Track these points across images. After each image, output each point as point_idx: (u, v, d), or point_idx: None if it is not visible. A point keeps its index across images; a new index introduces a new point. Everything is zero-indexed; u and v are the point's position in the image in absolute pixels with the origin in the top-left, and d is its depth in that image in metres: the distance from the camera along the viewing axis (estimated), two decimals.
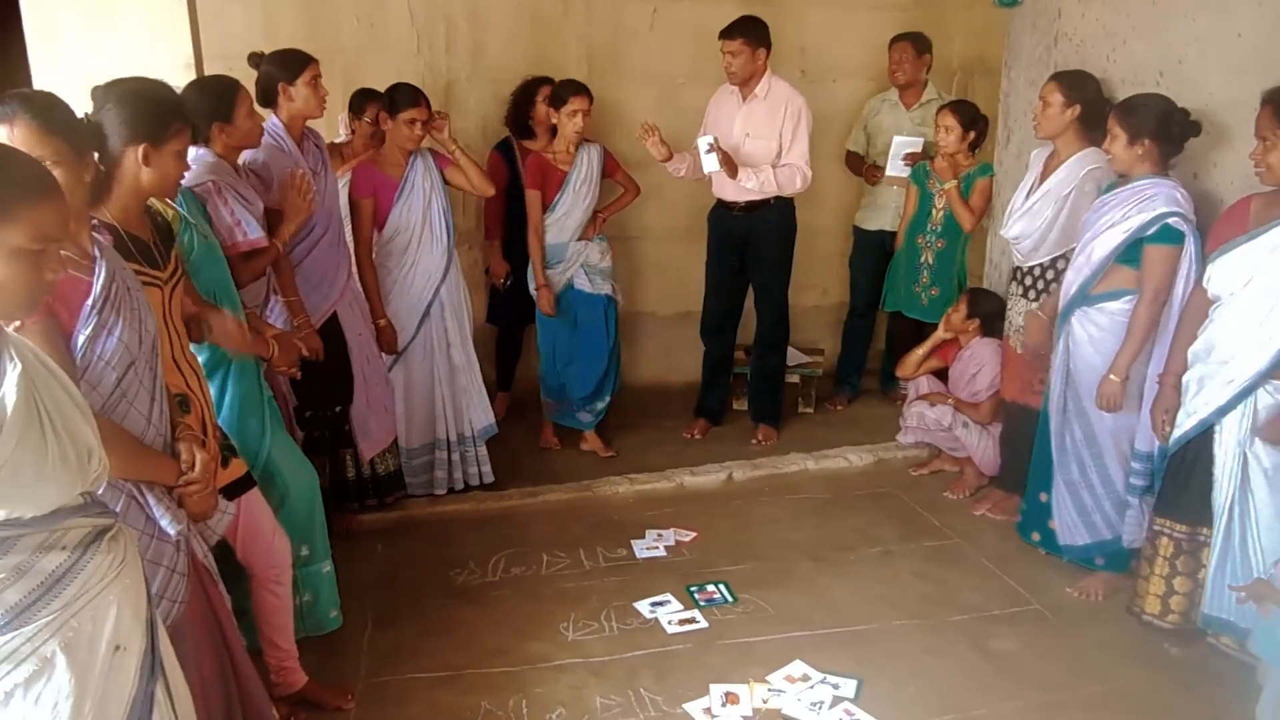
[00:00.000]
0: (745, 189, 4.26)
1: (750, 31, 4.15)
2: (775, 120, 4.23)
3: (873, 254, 4.95)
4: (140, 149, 2.07)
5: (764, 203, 4.31)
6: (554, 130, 4.23)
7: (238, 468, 2.41)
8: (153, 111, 2.11)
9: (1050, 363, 3.37)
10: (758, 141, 4.26)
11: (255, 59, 3.29)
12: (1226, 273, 2.64)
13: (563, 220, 4.23)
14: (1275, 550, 2.51)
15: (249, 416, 2.70)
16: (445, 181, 3.84)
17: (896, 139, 4.72)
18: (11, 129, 1.78)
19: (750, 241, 4.42)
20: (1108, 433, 3.20)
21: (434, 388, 3.92)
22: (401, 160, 3.74)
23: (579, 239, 4.28)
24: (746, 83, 4.25)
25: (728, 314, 4.65)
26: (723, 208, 4.45)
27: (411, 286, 3.81)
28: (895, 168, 4.73)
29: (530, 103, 4.50)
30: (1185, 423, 2.78)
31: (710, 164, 4.09)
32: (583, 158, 4.22)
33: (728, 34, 4.17)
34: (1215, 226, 2.81)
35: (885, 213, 4.88)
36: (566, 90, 4.11)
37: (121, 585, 1.47)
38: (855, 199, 5.15)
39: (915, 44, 4.71)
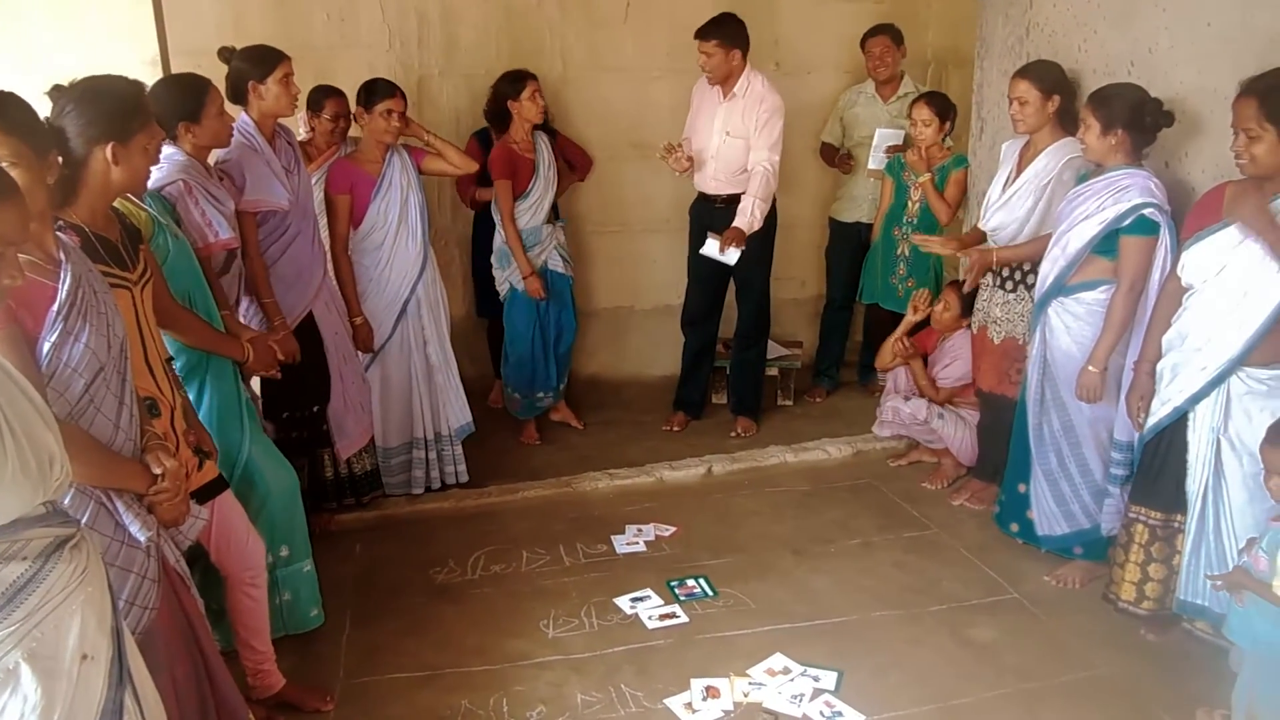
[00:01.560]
0: (725, 183, 4.29)
1: (725, 32, 4.12)
2: (751, 118, 4.22)
3: (849, 246, 4.96)
4: (108, 148, 2.04)
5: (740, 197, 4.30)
6: (506, 120, 4.23)
7: (210, 470, 2.38)
8: (116, 109, 2.08)
9: (1027, 353, 3.39)
10: (736, 141, 4.25)
11: (226, 54, 3.24)
12: (1200, 261, 2.65)
13: (536, 205, 4.25)
14: (1248, 536, 2.53)
15: (229, 419, 2.68)
16: (421, 173, 3.81)
17: (880, 131, 4.72)
18: None
19: None
20: (1086, 423, 3.22)
21: (412, 386, 3.89)
22: (379, 156, 3.71)
23: (546, 221, 4.32)
24: (725, 81, 4.23)
25: (710, 306, 4.64)
26: (704, 201, 4.45)
27: (388, 284, 3.78)
28: (877, 160, 4.73)
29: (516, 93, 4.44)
30: (1160, 410, 2.79)
31: (732, 257, 4.11)
32: (540, 143, 4.27)
33: (703, 35, 4.13)
34: (1189, 215, 2.82)
35: (861, 205, 4.88)
36: (518, 78, 4.14)
37: (85, 594, 1.45)
38: (832, 191, 5.15)
39: (893, 36, 4.71)
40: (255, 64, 3.19)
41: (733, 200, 4.29)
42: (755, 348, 4.68)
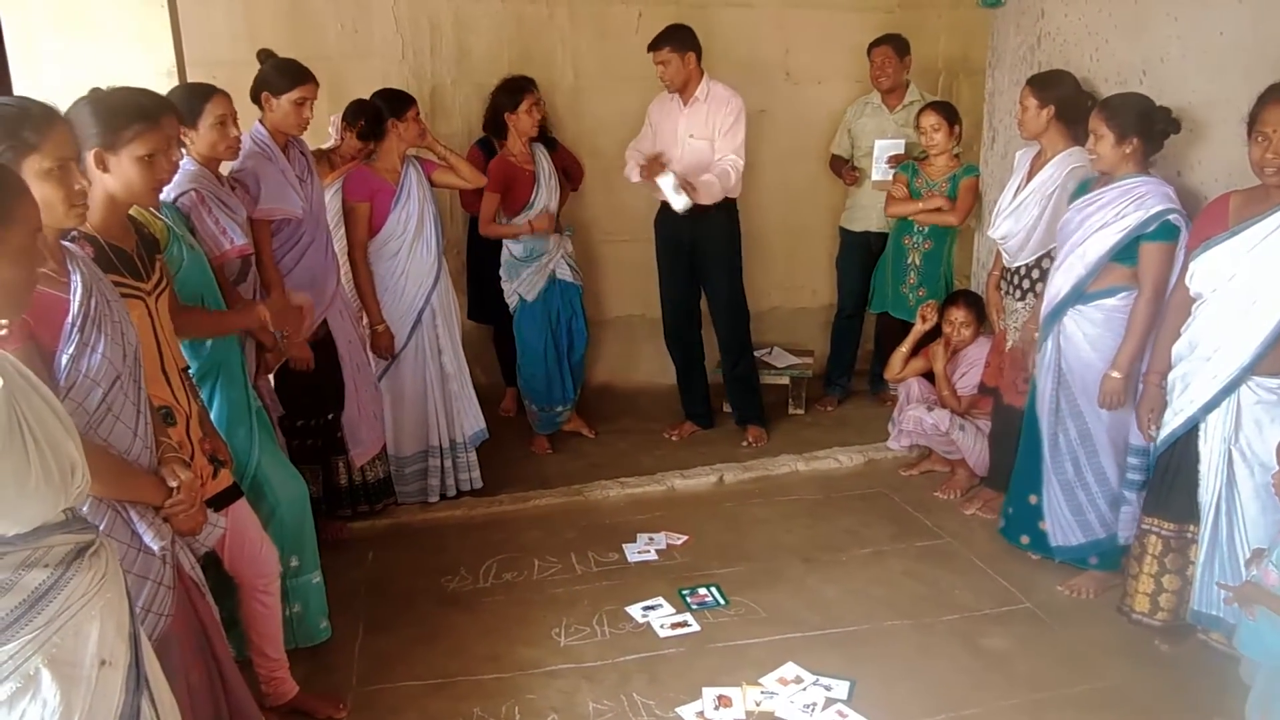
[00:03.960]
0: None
1: (677, 38, 4.20)
2: (715, 120, 4.27)
3: (859, 255, 4.96)
4: (93, 154, 2.04)
5: (707, 206, 4.27)
6: (503, 130, 4.25)
7: (225, 478, 2.39)
8: (104, 115, 2.06)
9: (1035, 363, 3.37)
10: (700, 142, 4.30)
11: (264, 55, 3.26)
12: (1209, 270, 2.64)
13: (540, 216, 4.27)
14: (1261, 546, 2.51)
15: (237, 426, 2.68)
16: (432, 185, 3.84)
17: (879, 143, 4.72)
18: None
19: (697, 245, 4.44)
20: (1104, 430, 3.19)
21: (427, 394, 3.91)
22: (398, 166, 3.74)
23: (554, 231, 4.33)
24: (685, 88, 4.29)
25: (686, 318, 4.66)
26: (667, 211, 4.42)
27: (403, 293, 3.81)
28: (880, 171, 4.73)
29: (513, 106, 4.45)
30: (1173, 421, 2.78)
31: (682, 202, 4.11)
32: (539, 154, 4.29)
33: (655, 45, 4.23)
34: (1195, 224, 2.82)
35: (870, 214, 4.88)
36: (515, 90, 4.16)
37: (104, 600, 1.47)
38: (842, 201, 5.15)
39: (895, 47, 4.72)
40: (279, 76, 3.20)
41: (694, 210, 4.23)
42: (743, 362, 4.67)
